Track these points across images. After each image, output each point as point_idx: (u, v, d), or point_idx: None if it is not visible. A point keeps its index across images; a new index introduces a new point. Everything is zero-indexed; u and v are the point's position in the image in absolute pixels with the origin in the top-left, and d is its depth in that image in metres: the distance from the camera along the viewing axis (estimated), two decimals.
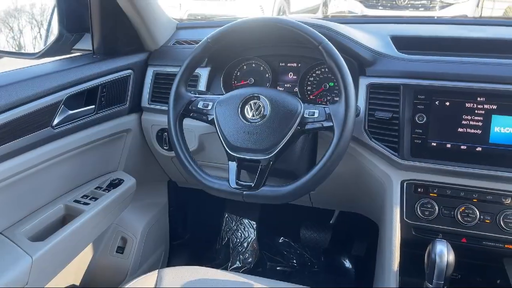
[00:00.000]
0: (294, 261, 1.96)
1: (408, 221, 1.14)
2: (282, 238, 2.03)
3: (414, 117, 1.11)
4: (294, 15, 6.87)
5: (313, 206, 1.66)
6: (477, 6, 6.04)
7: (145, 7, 1.33)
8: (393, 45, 1.23)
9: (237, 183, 1.05)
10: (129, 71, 1.38)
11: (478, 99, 1.07)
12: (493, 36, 1.26)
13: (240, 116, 1.07)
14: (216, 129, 1.09)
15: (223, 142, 1.08)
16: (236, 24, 1.10)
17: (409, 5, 5.86)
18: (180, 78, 1.13)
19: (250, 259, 1.96)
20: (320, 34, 1.03)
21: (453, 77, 1.09)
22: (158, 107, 1.42)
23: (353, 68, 1.18)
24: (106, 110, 1.32)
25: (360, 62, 1.20)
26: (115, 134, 1.39)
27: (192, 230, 1.98)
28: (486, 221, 1.09)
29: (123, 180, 1.39)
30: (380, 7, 5.89)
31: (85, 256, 1.54)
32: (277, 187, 1.03)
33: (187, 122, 1.18)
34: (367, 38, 1.26)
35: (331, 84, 1.31)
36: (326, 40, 1.03)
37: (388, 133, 1.15)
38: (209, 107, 1.11)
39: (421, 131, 1.11)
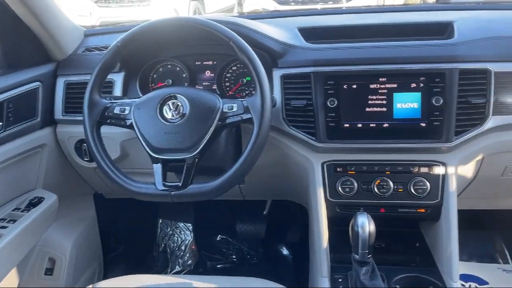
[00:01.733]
0: (234, 256, 1.98)
1: (332, 200, 1.21)
2: (219, 235, 2.04)
3: (326, 102, 1.18)
4: (207, 14, 6.88)
5: (245, 199, 1.69)
6: None
7: (45, 14, 1.27)
8: (301, 36, 1.29)
9: (164, 185, 1.04)
10: (37, 83, 1.31)
11: (380, 79, 1.16)
12: (392, 22, 1.37)
13: (160, 117, 1.06)
14: (136, 133, 1.08)
15: (144, 146, 1.07)
16: (145, 25, 1.10)
17: (319, 0, 6.15)
18: (93, 85, 1.10)
19: (190, 261, 1.95)
20: (230, 30, 1.06)
21: (356, 61, 1.17)
22: (73, 118, 1.36)
23: (266, 61, 1.22)
24: (16, 126, 1.25)
25: (272, 54, 1.24)
26: (28, 150, 1.31)
27: (126, 241, 1.92)
28: (399, 190, 1.19)
29: (44, 198, 1.32)
30: (292, 3, 6.11)
31: (11, 282, 1.44)
32: (204, 183, 1.04)
33: (107, 130, 1.15)
34: (276, 32, 1.31)
35: (248, 78, 1.35)
36: (236, 35, 1.05)
37: (305, 120, 1.21)
38: (126, 112, 1.09)
39: (334, 114, 1.18)
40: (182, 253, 1.96)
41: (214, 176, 1.05)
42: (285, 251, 2.00)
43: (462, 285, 1.70)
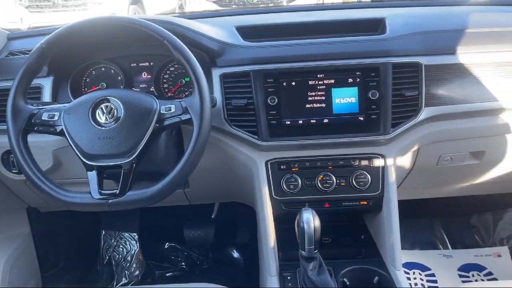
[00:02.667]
0: (183, 263, 1.93)
1: (277, 198, 1.20)
2: (167, 243, 1.98)
3: (267, 100, 1.17)
4: (140, 14, 6.72)
5: (192, 203, 1.65)
6: None
7: None
8: (239, 35, 1.28)
9: (100, 193, 0.99)
10: None
11: (319, 75, 1.17)
12: (328, 19, 1.40)
13: (92, 122, 1.00)
14: (67, 140, 1.01)
15: (77, 153, 1.00)
16: (72, 25, 1.03)
17: (260, 2, 6.20)
18: (16, 90, 1.02)
19: (137, 272, 1.87)
20: (164, 30, 1.02)
21: (294, 58, 1.18)
22: None
23: (204, 61, 1.20)
24: None
25: (209, 54, 1.22)
26: None
27: (67, 256, 1.81)
28: (342, 184, 1.20)
29: None
30: (233, 6, 6.11)
31: None
32: (143, 189, 0.99)
33: (37, 138, 1.07)
34: (214, 31, 1.29)
35: (187, 79, 1.32)
36: (171, 34, 1.02)
37: (247, 119, 1.19)
38: (56, 118, 1.02)
39: (274, 112, 1.18)
40: (128, 264, 1.88)
41: (157, 181, 1.01)
42: (235, 254, 1.97)
43: (407, 272, 1.77)
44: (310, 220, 1.02)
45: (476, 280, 1.74)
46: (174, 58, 1.02)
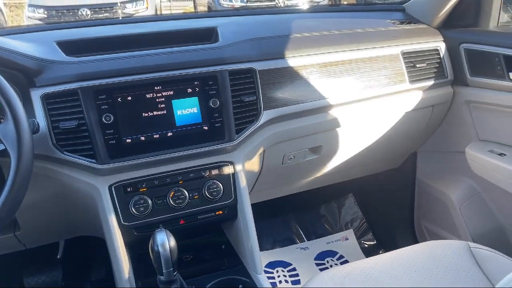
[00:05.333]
0: None
1: (127, 224, 1.10)
2: None
3: (101, 119, 1.06)
4: None
5: (29, 247, 1.42)
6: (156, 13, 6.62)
7: None
8: (60, 50, 1.14)
9: None
10: None
11: (156, 88, 1.11)
12: (160, 30, 1.35)
13: None
14: None
15: None
16: None
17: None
18: None
19: None
20: None
21: (126, 71, 1.10)
22: None
23: (19, 81, 1.04)
24: None
25: (25, 73, 1.05)
26: None
27: None
28: (195, 197, 1.16)
29: None
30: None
31: None
32: None
33: None
34: (30, 47, 1.12)
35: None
36: None
37: (80, 142, 1.07)
38: None
39: (112, 131, 1.07)
40: None
41: None
42: None
43: (271, 272, 1.82)
44: (165, 242, 0.96)
45: (331, 266, 1.89)
46: None
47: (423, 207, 1.84)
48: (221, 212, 1.20)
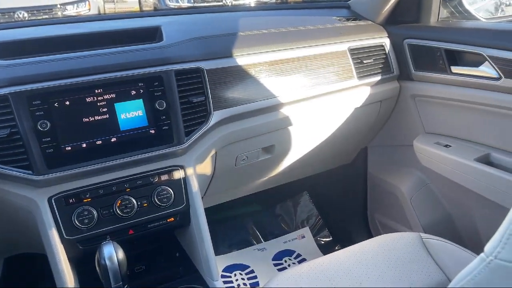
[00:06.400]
0: None
1: (70, 238, 1.03)
2: None
3: (36, 126, 0.98)
4: None
5: None
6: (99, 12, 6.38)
7: None
8: None
9: None
10: None
11: (96, 91, 1.04)
12: (100, 30, 1.27)
13: None
14: None
15: None
16: None
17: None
18: None
19: None
20: None
21: (62, 74, 1.02)
22: None
23: None
24: None
25: None
26: None
27: None
28: (144, 205, 1.10)
29: None
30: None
31: None
32: None
33: None
34: None
35: None
36: None
37: (13, 152, 0.98)
38: None
39: (49, 138, 0.99)
40: None
41: None
42: None
43: (228, 276, 1.79)
44: (112, 255, 0.91)
45: (289, 265, 1.88)
46: None
47: (376, 201, 1.88)
48: (172, 219, 1.15)
